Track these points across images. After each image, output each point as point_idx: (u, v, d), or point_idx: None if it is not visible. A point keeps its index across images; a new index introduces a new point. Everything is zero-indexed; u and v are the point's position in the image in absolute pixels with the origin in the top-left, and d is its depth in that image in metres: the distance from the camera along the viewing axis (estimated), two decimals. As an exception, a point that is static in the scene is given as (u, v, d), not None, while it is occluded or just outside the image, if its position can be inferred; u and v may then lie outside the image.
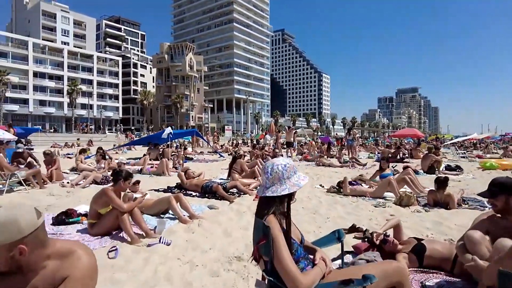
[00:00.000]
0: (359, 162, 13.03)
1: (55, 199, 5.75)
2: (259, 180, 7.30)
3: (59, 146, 23.71)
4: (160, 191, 6.70)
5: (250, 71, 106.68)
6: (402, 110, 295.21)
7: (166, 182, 8.17)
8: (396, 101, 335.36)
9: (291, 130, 17.03)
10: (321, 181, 8.38)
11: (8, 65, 56.90)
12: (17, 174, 6.39)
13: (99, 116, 65.30)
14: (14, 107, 57.88)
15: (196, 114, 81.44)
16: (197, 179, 6.73)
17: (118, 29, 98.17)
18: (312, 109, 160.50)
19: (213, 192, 6.06)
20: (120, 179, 3.80)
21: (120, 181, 3.80)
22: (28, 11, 73.78)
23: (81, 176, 7.45)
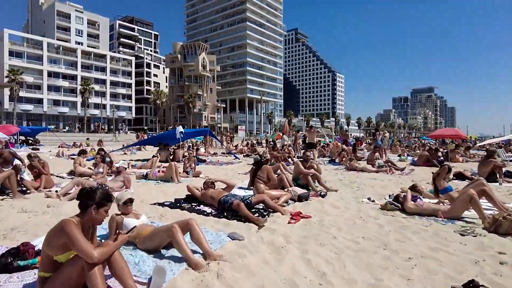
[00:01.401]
0: (396, 166, 11.36)
1: (26, 217, 4.36)
2: (290, 191, 5.79)
3: (67, 146, 22.73)
4: (165, 205, 5.25)
5: (263, 70, 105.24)
6: (417, 110, 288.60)
7: (173, 191, 6.75)
8: (411, 101, 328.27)
9: (313, 131, 15.46)
10: (365, 193, 6.81)
11: (23, 65, 57.02)
12: (-14, 182, 5.06)
13: (112, 116, 64.93)
14: (29, 106, 57.98)
15: (208, 114, 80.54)
16: (213, 191, 5.25)
17: (132, 29, 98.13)
18: (326, 109, 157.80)
19: (234, 210, 4.58)
20: (90, 206, 2.36)
21: (90, 209, 2.37)
22: (43, 12, 74.18)
23: (72, 183, 6.09)
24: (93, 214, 2.37)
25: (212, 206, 5.07)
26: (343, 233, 3.97)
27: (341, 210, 5.17)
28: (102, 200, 2.41)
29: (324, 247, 3.44)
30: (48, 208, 4.86)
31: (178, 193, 6.48)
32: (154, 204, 5.30)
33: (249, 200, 4.87)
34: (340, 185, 7.69)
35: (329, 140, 23.41)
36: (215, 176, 9.36)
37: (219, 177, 7.01)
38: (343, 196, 6.41)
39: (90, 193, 2.44)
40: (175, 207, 5.12)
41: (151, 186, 7.37)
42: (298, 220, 4.43)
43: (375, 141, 16.73)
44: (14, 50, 57.59)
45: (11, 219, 4.22)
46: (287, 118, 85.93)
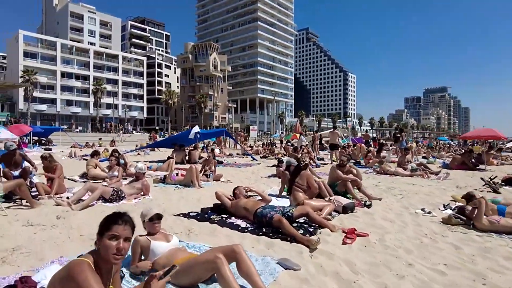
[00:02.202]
0: (431, 169, 10.47)
1: (32, 232, 3.70)
2: (333, 201, 5.01)
3: (80, 146, 22.36)
4: (191, 216, 4.54)
5: (274, 70, 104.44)
6: (430, 110, 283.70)
7: (196, 198, 6.05)
8: (423, 101, 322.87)
9: (335, 132, 14.63)
10: (412, 201, 6.00)
11: (37, 65, 57.48)
12: (-11, 189, 4.44)
13: (124, 116, 65.03)
14: (42, 107, 58.38)
15: (219, 114, 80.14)
16: (246, 201, 4.52)
17: (143, 30, 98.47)
18: (337, 109, 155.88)
19: (274, 226, 3.84)
20: (103, 237, 1.71)
21: (104, 239, 1.70)
22: (57, 13, 74.85)
23: (84, 189, 5.44)
24: (98, 249, 1.70)
25: (246, 219, 4.35)
26: (417, 257, 3.19)
27: (397, 225, 4.38)
28: (104, 223, 1.74)
29: (404, 279, 2.67)
30: (58, 220, 4.20)
31: (202, 201, 5.79)
32: (178, 215, 4.60)
33: (290, 213, 4.12)
34: (378, 192, 6.90)
35: (346, 141, 22.52)
36: (237, 180, 8.67)
37: (255, 187, 6.27)
38: (389, 205, 5.62)
39: (111, 218, 1.77)
40: (203, 219, 4.40)
41: (171, 192, 6.69)
42: (354, 239, 3.67)
43: (400, 143, 15.81)
44: (28, 51, 58.10)
45: (14, 235, 3.57)
46: (299, 118, 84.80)
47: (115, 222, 1.78)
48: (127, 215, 1.89)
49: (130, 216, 1.90)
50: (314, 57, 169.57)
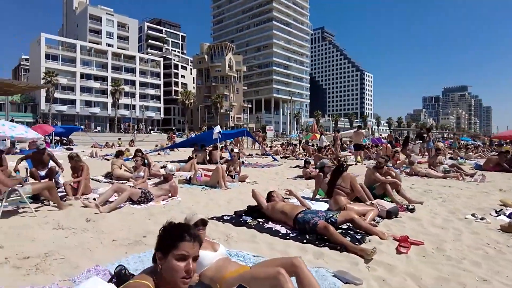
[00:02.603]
0: (465, 171, 9.91)
1: (63, 235, 3.51)
2: (376, 206, 4.65)
3: (100, 146, 22.57)
4: (225, 220, 4.28)
5: (289, 70, 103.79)
6: (449, 110, 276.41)
7: (226, 200, 5.80)
8: (442, 100, 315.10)
9: (360, 132, 14.16)
10: (456, 205, 5.57)
11: (58, 67, 58.91)
12: (18, 190, 4.29)
13: (141, 116, 65.83)
14: (63, 107, 59.75)
15: (235, 114, 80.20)
16: (283, 204, 4.22)
17: (159, 31, 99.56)
18: (354, 109, 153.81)
19: (319, 233, 3.53)
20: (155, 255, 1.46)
21: (170, 259, 1.45)
22: (76, 16, 76.54)
23: (111, 190, 5.26)
24: (160, 270, 1.43)
25: (283, 223, 4.05)
26: (488, 271, 2.82)
27: (451, 232, 3.99)
28: (167, 239, 1.48)
29: (484, 299, 2.32)
30: (87, 223, 4.00)
31: (233, 203, 5.54)
32: (212, 219, 4.34)
33: (333, 218, 3.80)
34: (415, 195, 6.47)
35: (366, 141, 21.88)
36: (263, 181, 8.39)
37: (294, 191, 5.96)
38: (433, 210, 5.21)
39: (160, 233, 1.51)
40: (238, 223, 4.13)
41: (198, 193, 6.46)
42: (409, 247, 3.32)
43: (427, 143, 15.20)
44: (50, 53, 59.60)
45: (45, 239, 3.38)
46: (315, 118, 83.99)
47: (182, 239, 1.51)
48: (193, 228, 1.62)
49: (195, 230, 1.63)
50: (329, 56, 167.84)
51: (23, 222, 4.07)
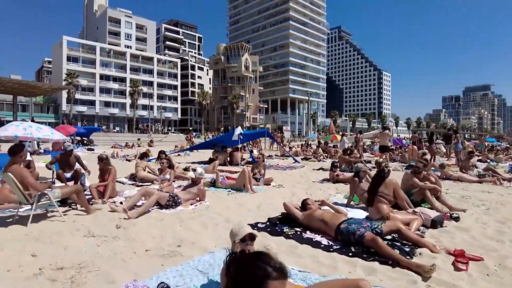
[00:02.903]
0: (501, 175, 9.38)
1: (94, 244, 3.37)
2: (419, 214, 4.33)
3: (120, 146, 22.81)
4: (260, 228, 4.05)
5: (305, 70, 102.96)
6: (471, 110, 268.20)
7: (255, 205, 5.58)
8: (463, 100, 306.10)
9: (386, 132, 13.69)
10: (502, 213, 5.17)
11: (78, 69, 60.27)
12: (48, 194, 4.20)
13: (159, 117, 66.59)
14: (83, 108, 61.07)
15: (251, 114, 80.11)
16: (322, 212, 3.97)
17: (176, 32, 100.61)
18: (371, 109, 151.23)
19: (366, 246, 3.26)
20: None
21: None
22: (96, 19, 78.17)
23: (139, 194, 5.13)
24: None
25: (323, 233, 3.79)
26: None
27: (509, 245, 3.64)
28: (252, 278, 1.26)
29: None
30: (118, 230, 3.86)
31: (262, 208, 5.33)
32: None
33: (378, 229, 3.52)
34: (453, 201, 6.08)
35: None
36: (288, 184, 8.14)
37: (328, 201, 5.71)
38: (479, 218, 4.84)
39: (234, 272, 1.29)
40: (275, 232, 3.90)
41: (224, 197, 6.27)
42: (467, 263, 3.02)
43: (455, 144, 14.57)
44: (71, 55, 61.09)
45: (77, 247, 3.24)
46: (332, 119, 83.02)
47: (269, 276, 1.28)
48: (279, 261, 1.39)
49: (281, 261, 1.39)
50: (346, 55, 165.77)
51: (53, 227, 3.96)
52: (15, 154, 4.16)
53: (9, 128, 7.44)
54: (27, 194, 4.12)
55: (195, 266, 2.82)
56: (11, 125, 7.59)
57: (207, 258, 3.00)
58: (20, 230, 3.84)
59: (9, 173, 3.97)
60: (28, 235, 3.65)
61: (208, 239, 3.60)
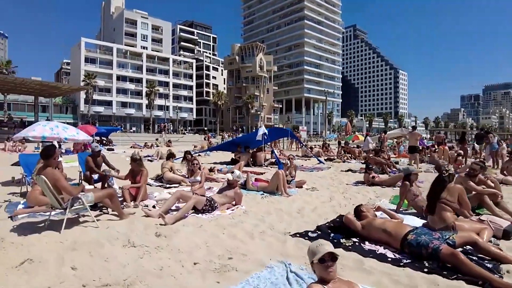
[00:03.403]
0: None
1: (136, 255, 3.05)
2: (488, 223, 3.87)
3: (139, 146, 22.79)
4: (311, 238, 3.67)
5: (320, 69, 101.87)
6: (491, 109, 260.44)
7: (295, 210, 5.20)
8: (483, 99, 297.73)
9: (416, 132, 13.07)
10: None
11: (96, 70, 61.13)
12: (81, 198, 3.93)
13: (175, 117, 66.95)
14: (100, 108, 61.89)
15: (265, 114, 79.73)
16: (383, 221, 3.56)
17: (191, 33, 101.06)
18: (387, 108, 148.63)
19: (442, 261, 2.84)
20: None
21: None
22: (113, 20, 79.24)
23: (174, 198, 4.81)
24: None
25: (385, 244, 3.39)
26: None
27: None
28: None
29: None
30: (158, 239, 3.54)
31: (305, 213, 4.96)
32: (295, 235, 3.75)
33: (451, 241, 3.10)
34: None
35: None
36: (322, 188, 7.72)
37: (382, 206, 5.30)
38: (550, 228, 4.33)
39: None
40: (331, 243, 3.50)
41: (260, 201, 5.92)
42: None
43: (490, 145, 13.82)
44: (89, 57, 62.05)
45: (119, 259, 2.93)
46: (348, 118, 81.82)
47: None
48: None
49: None
50: (362, 54, 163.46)
51: (88, 235, 3.68)
52: (48, 157, 3.90)
53: (37, 128, 7.31)
54: (60, 198, 3.86)
55: (256, 285, 2.47)
56: (38, 125, 7.47)
57: (267, 275, 2.65)
58: (53, 237, 3.58)
59: (43, 175, 3.72)
60: (63, 243, 3.39)
61: (259, 250, 3.25)
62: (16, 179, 7.89)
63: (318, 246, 2.07)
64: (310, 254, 2.10)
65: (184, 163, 9.08)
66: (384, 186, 7.73)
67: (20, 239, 3.45)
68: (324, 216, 4.78)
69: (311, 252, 2.09)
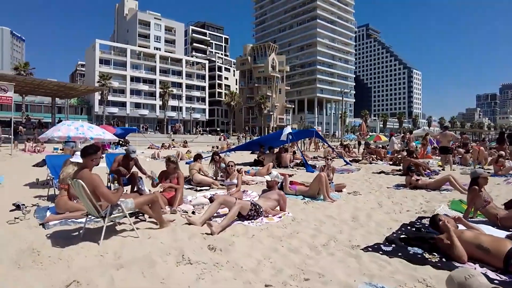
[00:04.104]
0: None
1: (196, 275, 2.60)
2: None
3: (156, 147, 22.56)
4: (386, 252, 3.16)
5: (333, 69, 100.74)
6: (509, 108, 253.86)
7: (348, 217, 4.69)
8: (500, 98, 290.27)
9: (448, 133, 12.36)
10: None
11: (110, 71, 61.64)
12: (121, 205, 3.52)
13: (188, 118, 66.96)
14: (114, 109, 62.37)
15: (277, 115, 79.18)
16: (477, 234, 3.04)
17: (204, 34, 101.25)
18: (401, 108, 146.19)
19: None
20: None
21: None
22: (127, 22, 79.90)
23: (217, 203, 4.36)
24: None
25: (481, 262, 2.86)
26: None
27: None
28: None
29: None
30: (214, 254, 3.09)
31: (361, 221, 4.44)
32: (367, 250, 3.26)
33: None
34: None
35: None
36: (364, 191, 7.17)
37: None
38: None
39: None
40: (414, 258, 2.97)
41: (304, 206, 5.42)
42: None
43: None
44: (103, 58, 62.64)
45: (178, 282, 2.49)
46: (362, 118, 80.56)
47: None
48: None
49: None
50: (375, 54, 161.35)
51: (130, 247, 3.26)
52: (87, 155, 3.49)
53: (62, 128, 7.02)
54: (98, 205, 3.45)
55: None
56: (63, 125, 7.18)
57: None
58: (92, 249, 3.18)
59: (80, 180, 3.32)
60: (104, 257, 2.98)
61: (335, 268, 2.76)
62: (40, 181, 7.62)
63: (470, 278, 1.59)
64: (457, 286, 1.62)
65: (212, 164, 8.69)
66: (429, 189, 7.15)
67: (57, 252, 3.06)
68: (383, 224, 4.27)
69: (460, 285, 1.60)
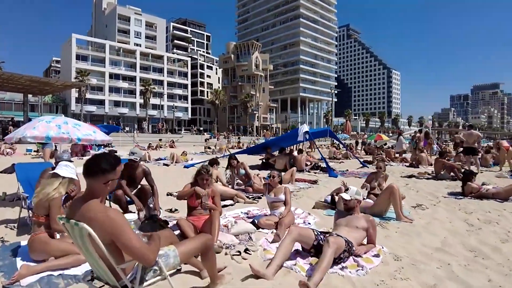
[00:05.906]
0: None
1: None
2: None
3: (143, 148, 20.62)
4: None
5: (316, 68, 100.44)
6: (480, 109, 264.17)
7: (438, 243, 3.33)
8: (472, 99, 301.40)
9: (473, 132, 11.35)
10: None
11: (88, 67, 58.44)
12: (159, 263, 1.99)
13: (170, 117, 64.52)
14: (92, 108, 59.11)
15: (261, 114, 77.92)
16: None
17: (185, 31, 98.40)
18: (381, 108, 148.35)
19: None
20: None
21: None
22: (105, 17, 76.25)
23: (290, 241, 2.88)
24: None
25: None
26: None
27: None
28: None
29: None
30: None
31: (456, 249, 3.07)
32: None
33: None
34: None
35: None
36: (411, 200, 5.87)
37: None
38: None
39: None
40: None
41: (383, 232, 4.03)
42: None
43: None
44: (80, 54, 59.28)
45: None
46: (346, 118, 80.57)
47: None
48: None
49: None
50: (355, 54, 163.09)
51: None
52: (99, 172, 1.84)
53: (38, 126, 5.25)
54: (120, 269, 1.87)
55: None
56: (40, 121, 5.38)
57: None
58: None
59: (85, 225, 1.74)
60: None
61: None
62: (9, 195, 5.86)
63: None
64: None
65: (228, 171, 7.19)
66: (498, 199, 5.95)
67: None
68: (487, 253, 2.95)
69: None
